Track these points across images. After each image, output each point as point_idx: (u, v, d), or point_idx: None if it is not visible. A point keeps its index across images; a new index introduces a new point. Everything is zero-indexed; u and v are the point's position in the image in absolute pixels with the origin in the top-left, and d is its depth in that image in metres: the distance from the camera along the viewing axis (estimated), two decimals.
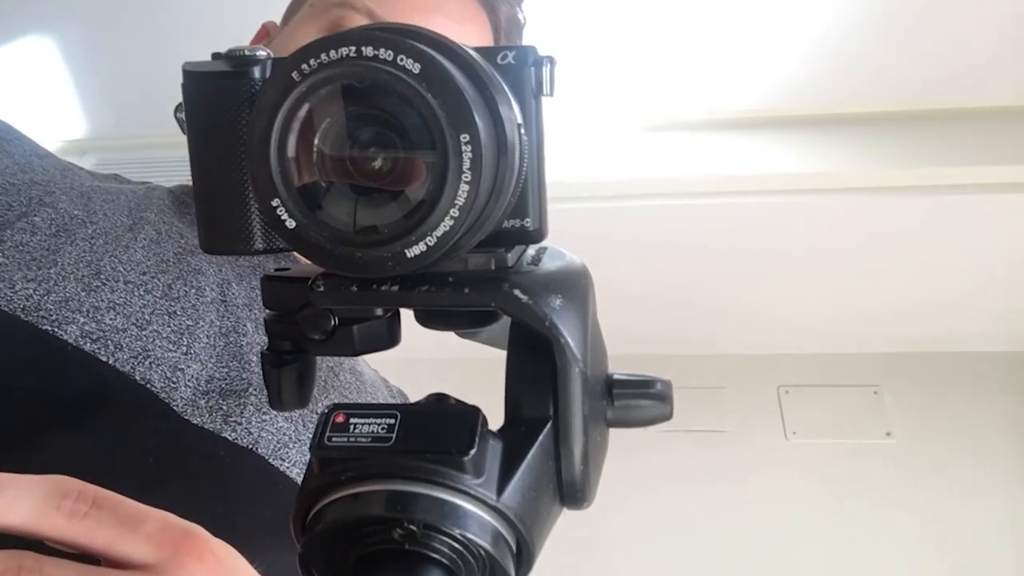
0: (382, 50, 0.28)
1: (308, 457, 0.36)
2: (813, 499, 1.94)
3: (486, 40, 0.80)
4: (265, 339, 0.44)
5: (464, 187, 0.29)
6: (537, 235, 0.38)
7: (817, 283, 2.01)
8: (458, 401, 0.40)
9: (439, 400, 0.40)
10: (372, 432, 0.34)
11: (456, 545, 0.33)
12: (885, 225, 1.89)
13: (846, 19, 1.75)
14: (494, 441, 0.35)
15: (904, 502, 1.91)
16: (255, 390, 0.62)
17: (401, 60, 0.28)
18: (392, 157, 0.30)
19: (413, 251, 0.30)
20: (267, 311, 0.42)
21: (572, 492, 0.38)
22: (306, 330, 0.40)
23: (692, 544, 1.94)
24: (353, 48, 0.29)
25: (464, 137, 0.29)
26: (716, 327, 2.15)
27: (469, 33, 0.77)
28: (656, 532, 1.97)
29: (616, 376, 0.40)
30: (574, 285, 0.38)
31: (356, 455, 0.34)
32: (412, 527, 0.33)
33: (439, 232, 0.30)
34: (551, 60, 0.37)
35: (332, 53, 0.29)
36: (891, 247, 1.92)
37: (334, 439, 0.34)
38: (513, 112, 0.34)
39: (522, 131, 0.34)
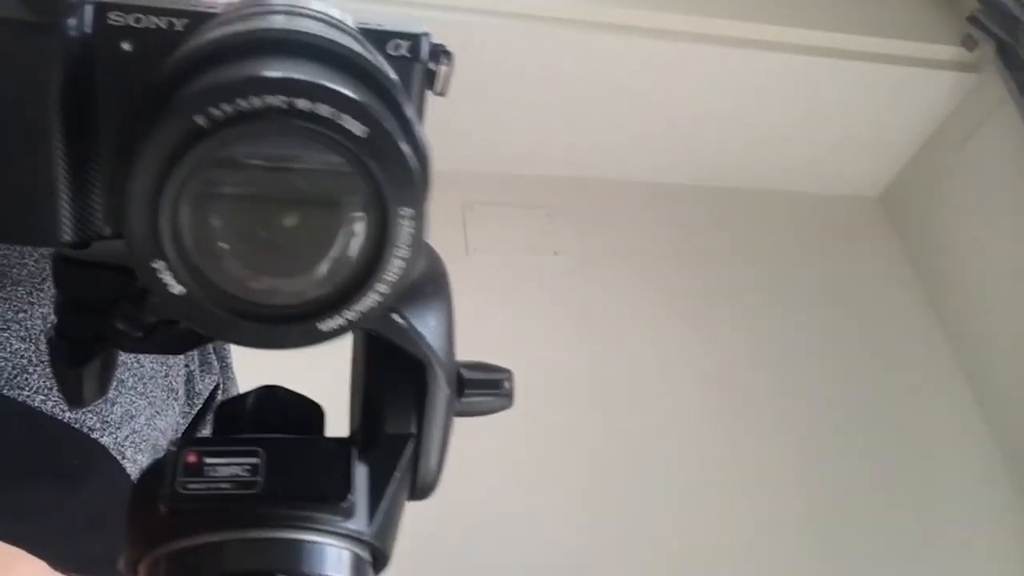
0: (320, 105, 0.23)
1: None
2: (491, 312, 2.07)
3: None
4: None
5: (399, 263, 0.26)
6: None
7: (505, 106, 2.06)
8: (287, 392, 0.37)
9: (271, 395, 0.37)
10: (234, 475, 0.31)
11: None
12: (561, 55, 1.95)
13: None
14: (360, 467, 0.33)
15: (569, 315, 2.11)
16: None
17: (343, 121, 0.23)
18: (311, 219, 0.26)
19: (328, 325, 0.26)
20: (60, 296, 0.34)
21: (424, 492, 0.38)
22: (122, 326, 0.34)
23: None
24: (283, 99, 0.23)
25: (405, 212, 0.25)
26: None
27: None
28: None
29: (467, 376, 0.39)
30: (443, 294, 0.36)
31: (218, 504, 0.30)
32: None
33: (363, 308, 0.26)
34: (448, 55, 0.32)
35: (254, 100, 0.23)
36: (571, 77, 2.00)
37: (190, 485, 0.30)
38: (423, 128, 0.30)
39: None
